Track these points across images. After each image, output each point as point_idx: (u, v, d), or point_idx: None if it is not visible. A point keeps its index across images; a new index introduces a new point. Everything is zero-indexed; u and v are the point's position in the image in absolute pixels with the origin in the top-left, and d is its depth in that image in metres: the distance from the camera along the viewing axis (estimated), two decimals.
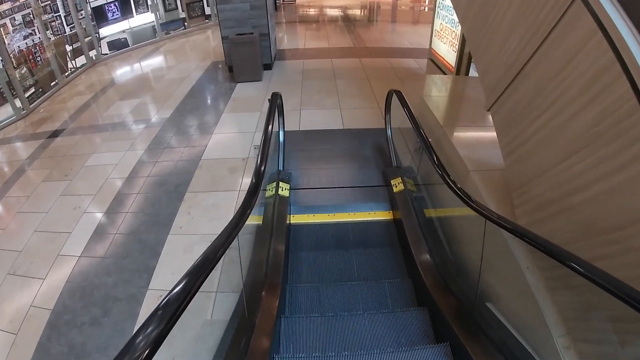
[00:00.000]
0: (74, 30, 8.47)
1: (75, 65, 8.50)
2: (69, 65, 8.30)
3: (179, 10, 11.25)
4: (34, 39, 7.37)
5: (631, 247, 1.40)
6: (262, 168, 2.39)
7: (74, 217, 3.86)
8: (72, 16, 8.33)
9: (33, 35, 7.38)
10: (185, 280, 1.24)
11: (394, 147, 4.31)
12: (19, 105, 6.50)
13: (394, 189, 3.64)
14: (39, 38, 7.39)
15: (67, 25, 8.40)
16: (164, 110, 6.25)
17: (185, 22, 11.32)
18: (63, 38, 8.16)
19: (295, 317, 2.46)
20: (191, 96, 6.80)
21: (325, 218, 3.57)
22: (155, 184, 4.31)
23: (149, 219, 3.76)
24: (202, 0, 11.55)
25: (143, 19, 10.21)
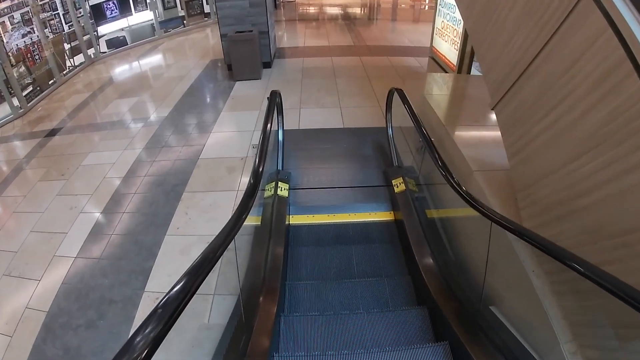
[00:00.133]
0: (73, 29, 8.41)
1: (73, 64, 8.45)
2: (67, 64, 8.25)
3: (178, 9, 11.19)
4: (32, 37, 7.32)
5: None
6: (260, 169, 2.33)
7: (70, 218, 3.82)
8: (71, 14, 8.27)
9: (31, 33, 7.32)
10: (184, 280, 1.25)
11: (395, 147, 4.25)
12: (16, 104, 6.46)
13: (395, 189, 3.59)
14: (37, 36, 7.34)
15: (66, 24, 8.34)
16: (162, 109, 6.19)
17: (184, 20, 11.25)
18: (61, 36, 8.10)
19: (294, 315, 2.45)
20: (190, 94, 6.75)
21: (325, 219, 3.52)
22: (153, 184, 4.26)
23: (145, 220, 3.71)
24: None
25: (142, 17, 10.14)
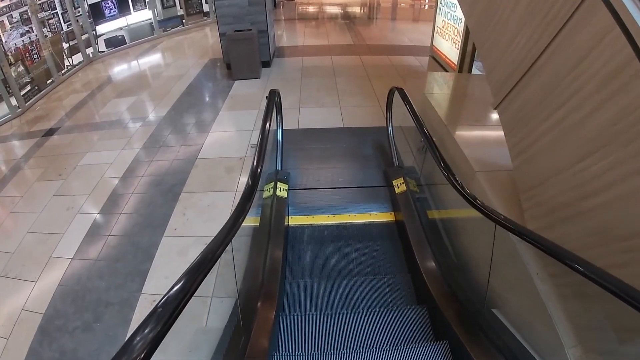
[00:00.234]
0: (71, 28, 8.36)
1: (72, 63, 8.40)
2: (66, 63, 8.20)
3: (177, 8, 11.14)
4: (31, 37, 7.27)
5: None
6: (258, 169, 2.29)
7: (66, 218, 3.77)
8: (69, 13, 8.23)
9: (30, 32, 7.28)
10: (181, 283, 1.23)
11: (396, 146, 4.20)
12: (14, 103, 6.40)
13: (396, 189, 3.54)
14: (36, 36, 7.29)
15: (64, 23, 8.29)
16: (160, 108, 6.15)
17: (183, 19, 11.20)
18: (59, 35, 8.05)
19: (293, 315, 2.43)
20: (188, 94, 6.70)
21: (325, 219, 3.48)
22: (150, 184, 4.21)
23: (143, 220, 3.67)
24: None
25: (140, 16, 10.09)
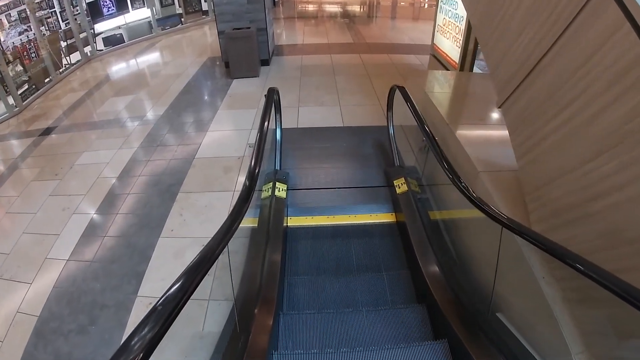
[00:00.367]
0: (69, 26, 8.30)
1: (69, 62, 8.34)
2: (64, 62, 8.14)
3: (176, 6, 11.07)
4: (29, 35, 7.21)
5: None
6: (256, 170, 2.23)
7: (62, 219, 3.72)
8: (67, 12, 8.17)
9: (28, 31, 7.22)
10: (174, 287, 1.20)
11: (397, 146, 4.15)
12: (11, 102, 6.34)
13: (397, 189, 3.49)
14: (34, 34, 7.23)
15: (63, 21, 8.23)
16: (158, 107, 6.09)
17: (182, 17, 11.14)
18: (57, 34, 7.99)
19: (292, 313, 2.40)
20: (186, 92, 6.64)
21: (325, 220, 3.42)
22: (147, 184, 4.15)
23: (139, 221, 3.61)
24: None
25: (139, 14, 10.02)
